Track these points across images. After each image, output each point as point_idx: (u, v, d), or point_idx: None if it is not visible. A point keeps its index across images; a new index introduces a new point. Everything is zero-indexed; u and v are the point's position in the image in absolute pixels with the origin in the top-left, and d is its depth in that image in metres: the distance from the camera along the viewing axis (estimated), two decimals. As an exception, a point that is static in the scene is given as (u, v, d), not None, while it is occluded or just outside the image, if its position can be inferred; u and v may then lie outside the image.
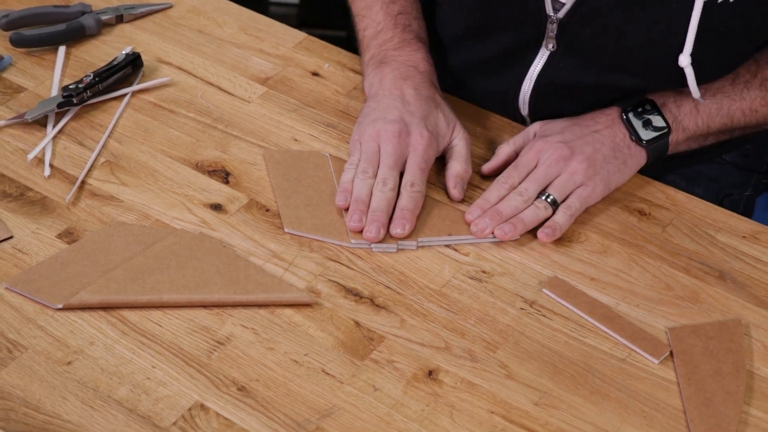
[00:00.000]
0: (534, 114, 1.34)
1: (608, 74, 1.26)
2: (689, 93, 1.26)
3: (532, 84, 1.31)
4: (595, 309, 1.13)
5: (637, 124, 1.24)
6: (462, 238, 1.19)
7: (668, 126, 1.24)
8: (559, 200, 1.20)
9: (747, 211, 1.47)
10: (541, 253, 1.19)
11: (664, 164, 1.32)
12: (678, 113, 1.26)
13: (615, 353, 1.09)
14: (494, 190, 1.22)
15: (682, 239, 1.21)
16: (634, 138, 1.23)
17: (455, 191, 1.23)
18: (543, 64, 1.29)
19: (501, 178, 1.23)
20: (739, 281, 1.17)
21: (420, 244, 1.18)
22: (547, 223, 1.19)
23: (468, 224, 1.20)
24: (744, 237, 1.22)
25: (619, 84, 1.27)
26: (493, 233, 1.18)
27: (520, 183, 1.22)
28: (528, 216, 1.19)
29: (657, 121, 1.25)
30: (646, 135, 1.24)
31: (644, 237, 1.21)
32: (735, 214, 1.24)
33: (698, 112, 1.27)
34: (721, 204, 1.28)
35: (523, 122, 1.36)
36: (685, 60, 1.21)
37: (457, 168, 1.24)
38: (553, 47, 1.27)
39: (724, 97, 1.27)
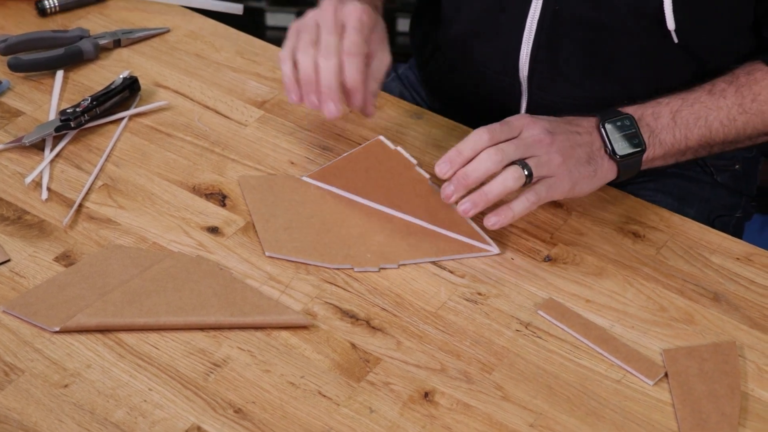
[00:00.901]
0: (532, 76, 1.36)
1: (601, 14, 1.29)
2: (666, 104, 1.26)
3: (533, 33, 1.33)
4: (590, 331, 1.13)
5: (613, 136, 1.22)
6: (444, 258, 1.20)
7: (644, 144, 1.23)
8: (534, 175, 1.16)
9: (737, 233, 1.48)
10: (536, 275, 1.19)
11: (658, 183, 1.33)
12: (655, 126, 1.25)
13: (610, 375, 1.10)
14: (471, 141, 1.16)
15: (676, 261, 1.22)
16: (608, 151, 1.22)
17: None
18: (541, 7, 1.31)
19: (481, 131, 1.16)
20: (733, 303, 1.18)
21: (402, 264, 1.19)
22: (500, 209, 1.16)
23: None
24: (738, 259, 1.22)
25: (604, 17, 1.29)
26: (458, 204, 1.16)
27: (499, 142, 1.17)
28: (495, 189, 1.15)
29: (633, 137, 1.23)
30: (621, 150, 1.22)
31: (639, 259, 1.22)
32: (729, 236, 1.25)
33: (676, 124, 1.26)
34: (712, 225, 1.29)
35: (519, 95, 1.38)
36: None
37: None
38: None
39: (701, 107, 1.27)
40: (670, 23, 1.27)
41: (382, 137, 1.23)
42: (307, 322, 1.12)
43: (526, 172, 1.16)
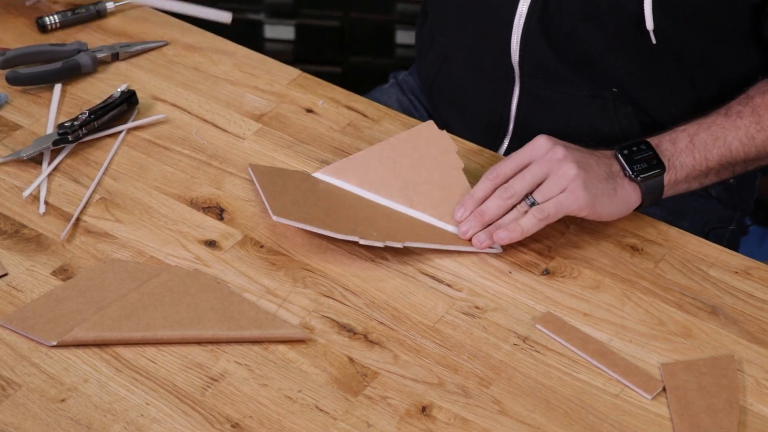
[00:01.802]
0: (522, 64, 1.37)
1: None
2: (683, 130, 1.27)
3: (523, 18, 1.35)
4: (588, 345, 1.13)
5: (630, 160, 1.24)
6: (448, 247, 1.21)
7: (662, 165, 1.25)
8: (539, 202, 1.20)
9: (731, 246, 1.47)
10: (534, 288, 1.19)
11: None
12: (674, 150, 1.27)
13: (608, 389, 1.10)
14: (481, 185, 1.23)
15: (674, 275, 1.22)
16: (627, 174, 1.24)
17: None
18: None
19: (490, 172, 1.23)
20: (731, 317, 1.17)
21: (407, 245, 1.20)
22: (511, 225, 1.20)
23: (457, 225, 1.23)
24: (736, 272, 1.22)
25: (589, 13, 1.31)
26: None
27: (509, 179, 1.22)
28: (508, 222, 1.21)
29: (651, 159, 1.25)
30: (640, 171, 1.24)
31: (637, 272, 1.22)
32: (727, 250, 1.25)
33: (694, 146, 1.27)
34: (706, 237, 1.29)
35: (512, 82, 1.40)
36: None
37: None
38: None
39: (718, 129, 1.28)
40: (649, 24, 1.28)
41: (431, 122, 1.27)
42: (305, 336, 1.12)
43: (531, 205, 1.21)
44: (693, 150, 1.27)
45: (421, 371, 1.10)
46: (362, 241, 1.18)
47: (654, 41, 1.30)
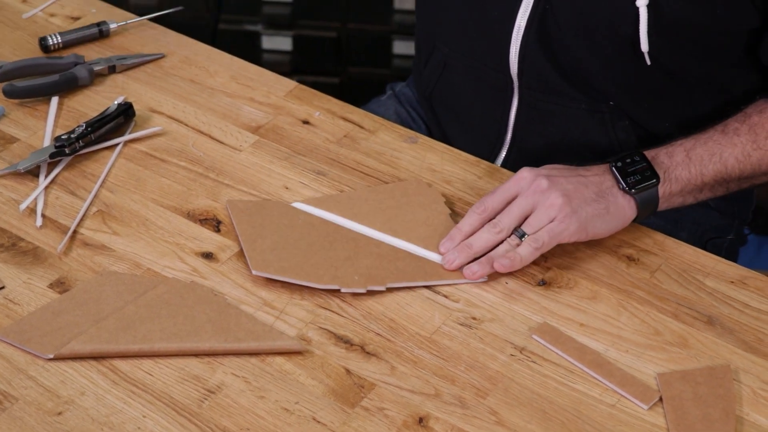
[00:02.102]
0: (521, 76, 1.38)
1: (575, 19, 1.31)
2: (680, 144, 1.27)
3: (522, 32, 1.35)
4: (584, 355, 1.13)
5: (624, 172, 1.25)
6: (432, 283, 1.20)
7: (657, 176, 1.25)
8: (529, 233, 1.21)
9: (730, 256, 1.48)
10: (531, 299, 1.19)
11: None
12: (670, 164, 1.27)
13: (605, 399, 1.10)
14: (468, 219, 1.23)
15: (670, 284, 1.22)
16: (621, 186, 1.24)
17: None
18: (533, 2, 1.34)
19: (476, 206, 1.23)
20: (727, 326, 1.18)
21: (389, 286, 1.19)
22: (510, 254, 1.20)
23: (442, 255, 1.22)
24: (732, 282, 1.22)
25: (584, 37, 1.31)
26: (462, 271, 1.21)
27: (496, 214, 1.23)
28: (498, 255, 1.21)
29: (646, 171, 1.25)
30: (634, 183, 1.24)
31: (633, 282, 1.22)
32: (723, 260, 1.25)
33: (690, 161, 1.27)
34: (704, 248, 1.29)
35: (511, 92, 1.40)
36: (641, 1, 1.25)
37: None
38: None
39: (714, 144, 1.28)
40: (644, 46, 1.28)
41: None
42: (302, 347, 1.12)
43: (520, 237, 1.21)
44: (689, 164, 1.27)
45: (418, 382, 1.10)
46: (344, 290, 1.17)
47: (648, 62, 1.30)
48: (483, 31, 1.40)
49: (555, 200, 1.21)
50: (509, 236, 1.21)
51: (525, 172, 1.24)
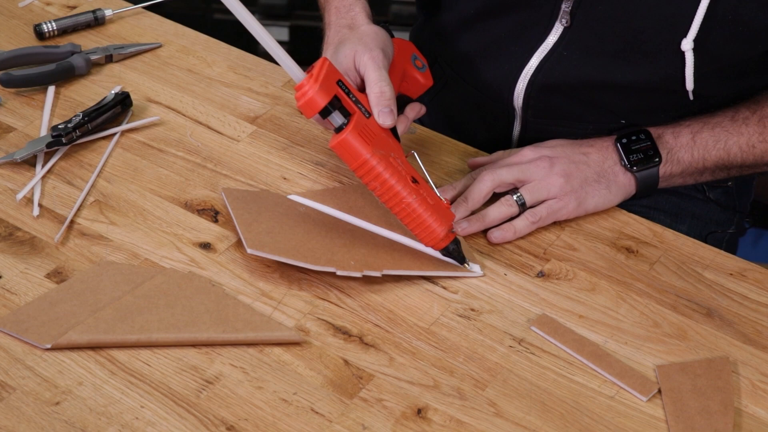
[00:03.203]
0: (526, 108, 1.36)
1: (611, 63, 1.28)
2: (687, 125, 1.27)
3: (532, 70, 1.33)
4: (583, 347, 1.13)
5: (628, 149, 1.26)
6: (428, 273, 1.19)
7: (660, 156, 1.25)
8: (528, 203, 1.23)
9: (730, 249, 1.48)
10: (530, 290, 1.19)
11: (651, 199, 1.33)
12: (674, 144, 1.27)
13: (603, 391, 1.10)
14: (466, 178, 1.27)
15: (669, 277, 1.22)
16: (623, 163, 1.25)
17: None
18: (553, 43, 1.31)
19: (476, 170, 1.27)
20: (726, 318, 1.18)
21: (385, 273, 1.18)
22: (504, 225, 1.22)
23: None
24: (731, 274, 1.22)
25: (619, 77, 1.28)
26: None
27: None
28: (491, 213, 1.23)
29: (649, 150, 1.26)
30: (636, 161, 1.25)
31: (632, 274, 1.22)
32: (722, 252, 1.25)
33: (695, 144, 1.28)
34: (705, 241, 1.29)
35: (512, 119, 1.39)
36: (687, 44, 1.23)
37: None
38: (566, 22, 1.29)
39: (722, 131, 1.28)
40: (690, 85, 1.27)
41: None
42: (300, 338, 1.12)
43: (517, 200, 1.23)
44: (693, 147, 1.28)
45: (417, 373, 1.10)
46: (339, 272, 1.16)
47: (692, 98, 1.29)
48: (490, 64, 1.38)
49: (556, 179, 1.23)
50: (506, 194, 1.23)
51: (527, 151, 1.25)
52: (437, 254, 1.21)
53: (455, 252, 1.20)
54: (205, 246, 1.21)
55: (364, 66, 1.18)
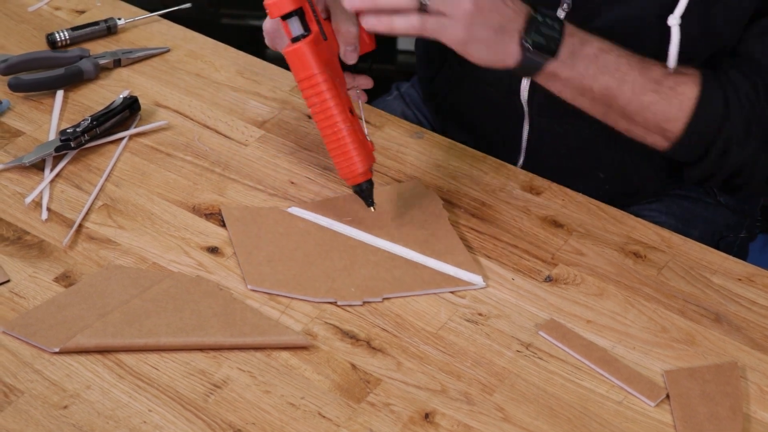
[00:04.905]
0: (532, 104, 1.36)
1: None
2: (599, 41, 1.22)
3: None
4: (591, 352, 1.13)
5: (535, 28, 1.18)
6: (428, 291, 1.19)
7: (557, 52, 1.19)
8: (429, 6, 1.13)
9: (741, 253, 1.47)
10: (537, 295, 1.19)
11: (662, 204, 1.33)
12: (579, 50, 1.20)
13: (611, 396, 1.09)
14: None
15: (677, 282, 1.22)
16: (523, 37, 1.17)
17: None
18: None
19: None
20: (734, 324, 1.17)
21: (385, 297, 1.18)
22: (384, 16, 1.14)
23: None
24: (739, 279, 1.22)
25: None
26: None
27: None
28: (385, 6, 1.14)
29: (552, 41, 1.19)
30: (534, 43, 1.17)
31: (640, 279, 1.22)
32: (730, 257, 1.25)
33: (596, 60, 1.21)
34: (717, 246, 1.28)
35: (521, 117, 1.38)
36: (673, 20, 1.23)
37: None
38: (567, 6, 1.29)
39: (625, 63, 1.22)
40: (672, 63, 1.26)
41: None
42: (307, 342, 1.12)
43: (420, 1, 1.13)
44: (592, 62, 1.21)
45: (424, 378, 1.10)
46: (340, 302, 1.16)
47: None
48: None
49: (463, 3, 1.13)
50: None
51: None
52: (440, 266, 1.21)
53: (367, 191, 1.22)
54: (213, 250, 1.21)
55: None
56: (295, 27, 1.17)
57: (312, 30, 1.17)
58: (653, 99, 1.23)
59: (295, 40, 1.17)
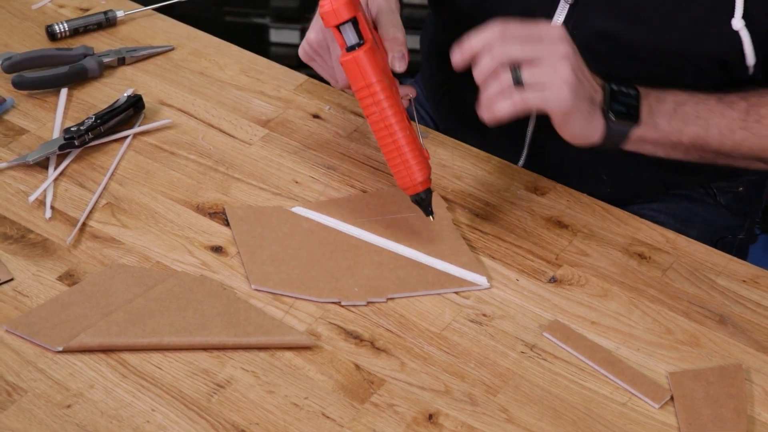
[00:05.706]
0: None
1: (621, 35, 1.25)
2: (673, 93, 1.23)
3: None
4: (595, 353, 1.13)
5: (614, 98, 1.19)
6: (432, 292, 1.19)
7: (639, 118, 1.20)
8: (526, 82, 1.13)
9: (740, 256, 1.46)
10: (541, 296, 1.19)
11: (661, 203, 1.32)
12: (656, 109, 1.22)
13: (615, 397, 1.09)
14: (483, 33, 1.15)
15: (682, 283, 1.21)
16: (604, 108, 1.18)
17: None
18: (560, 23, 1.28)
19: (497, 22, 1.15)
20: (739, 325, 1.17)
21: (389, 297, 1.18)
22: (486, 105, 1.14)
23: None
24: (744, 281, 1.22)
25: (628, 51, 1.26)
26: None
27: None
28: (490, 94, 1.15)
29: (632, 108, 1.20)
30: (617, 111, 1.19)
31: (644, 281, 1.21)
32: (735, 258, 1.24)
33: (675, 114, 1.23)
34: (714, 246, 1.28)
35: (526, 120, 1.38)
36: (738, 23, 1.22)
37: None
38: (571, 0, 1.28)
39: (705, 108, 1.24)
40: (750, 60, 1.26)
41: None
42: (311, 342, 1.12)
43: (515, 79, 1.13)
44: (672, 117, 1.22)
45: (428, 379, 1.10)
46: (344, 302, 1.16)
47: (751, 72, 1.27)
48: None
49: (566, 72, 1.12)
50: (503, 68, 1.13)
51: (555, 30, 1.15)
52: (444, 267, 1.21)
53: (426, 201, 1.20)
54: (217, 249, 1.21)
55: (377, 7, 1.20)
56: (350, 36, 1.15)
57: (366, 38, 1.15)
58: (744, 136, 1.25)
59: (350, 49, 1.15)
